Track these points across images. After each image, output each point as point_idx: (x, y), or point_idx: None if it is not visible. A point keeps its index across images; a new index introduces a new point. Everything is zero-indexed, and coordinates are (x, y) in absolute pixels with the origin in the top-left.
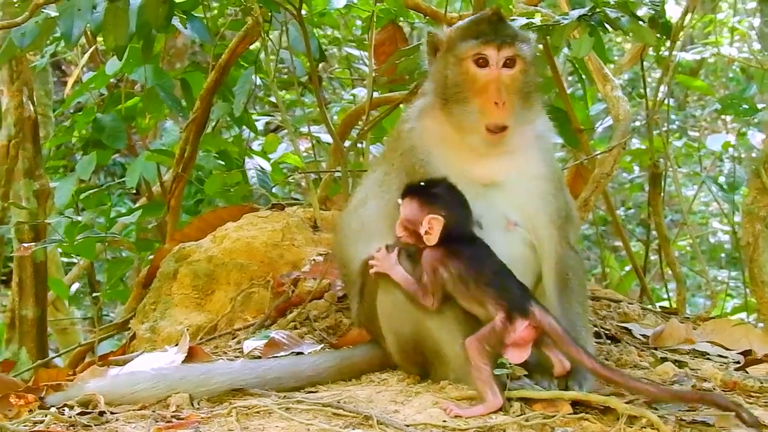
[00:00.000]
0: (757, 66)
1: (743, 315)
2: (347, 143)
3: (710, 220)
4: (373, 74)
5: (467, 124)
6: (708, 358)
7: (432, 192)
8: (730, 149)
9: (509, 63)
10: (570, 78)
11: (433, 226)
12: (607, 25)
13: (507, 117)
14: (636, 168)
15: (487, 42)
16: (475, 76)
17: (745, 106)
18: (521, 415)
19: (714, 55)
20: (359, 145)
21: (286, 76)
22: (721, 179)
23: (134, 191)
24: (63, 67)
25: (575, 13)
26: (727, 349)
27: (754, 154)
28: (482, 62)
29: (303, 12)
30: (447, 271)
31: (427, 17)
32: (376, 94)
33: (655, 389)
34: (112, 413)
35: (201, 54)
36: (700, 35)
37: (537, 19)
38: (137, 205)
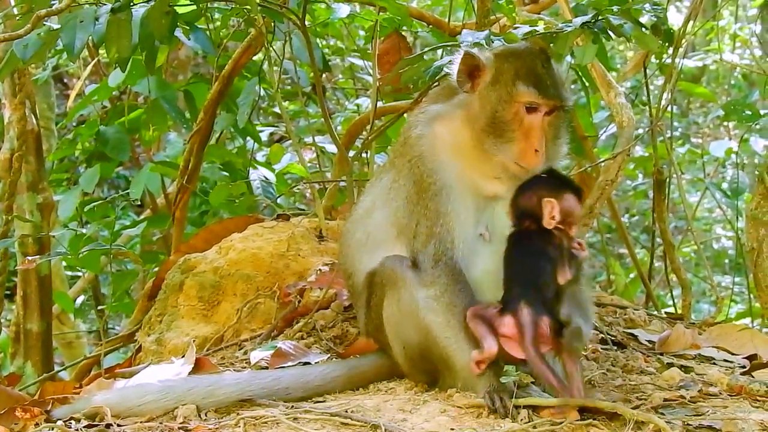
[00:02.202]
0: (759, 72)
1: (747, 320)
2: (352, 153)
3: (714, 226)
4: (377, 84)
5: (500, 154)
6: (714, 363)
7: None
8: (733, 155)
9: (553, 111)
10: (573, 86)
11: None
12: (610, 33)
13: (540, 163)
14: (640, 175)
15: (546, 95)
16: (523, 119)
17: (748, 112)
18: (529, 422)
19: (716, 61)
20: (364, 154)
21: (290, 87)
22: (725, 185)
23: (138, 203)
24: (65, 80)
25: (578, 21)
26: (733, 354)
27: (756, 160)
28: (532, 110)
29: (306, 22)
30: None
31: (431, 26)
32: (380, 104)
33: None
34: (119, 426)
35: (204, 65)
36: (702, 42)
37: (540, 27)
38: (142, 217)
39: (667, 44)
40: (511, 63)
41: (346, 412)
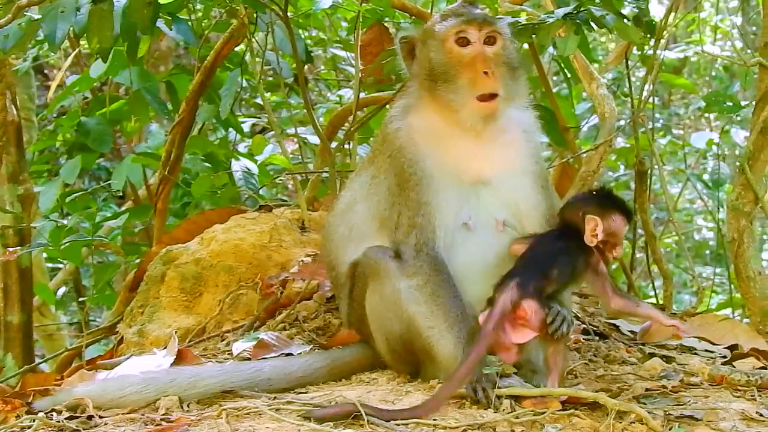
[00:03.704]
0: (740, 63)
1: (728, 311)
2: (334, 144)
3: (695, 217)
4: (360, 75)
5: (458, 99)
6: (695, 353)
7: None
8: (714, 147)
9: (490, 40)
10: (555, 78)
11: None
12: (592, 24)
13: (496, 84)
14: (621, 166)
15: (467, 21)
16: (460, 54)
17: (729, 104)
18: (511, 412)
19: (697, 53)
20: (346, 145)
21: (272, 78)
22: (706, 176)
23: (120, 195)
24: (46, 71)
25: (560, 12)
26: (714, 344)
27: (737, 151)
28: (464, 41)
29: (289, 13)
30: None
31: (413, 17)
32: (362, 95)
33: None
34: (100, 417)
35: (186, 56)
36: (683, 34)
37: (523, 18)
38: (123, 208)
39: (648, 36)
40: (434, 18)
41: (329, 403)
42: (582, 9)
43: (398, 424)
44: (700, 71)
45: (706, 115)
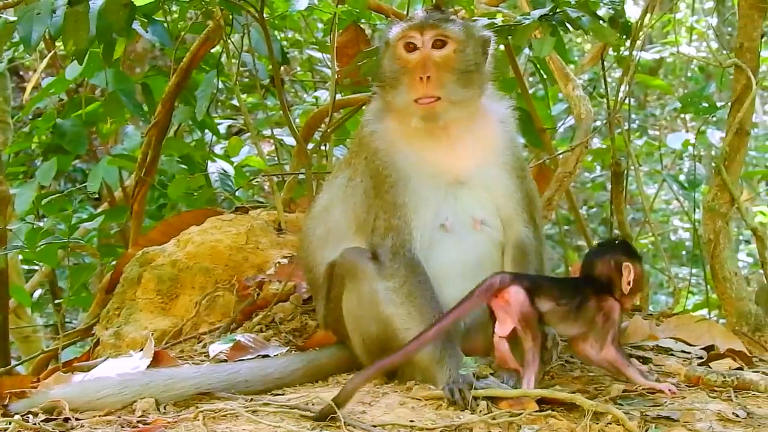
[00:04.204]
0: (716, 64)
1: (704, 311)
2: (311, 146)
3: (671, 218)
4: (336, 76)
5: (401, 104)
6: (672, 354)
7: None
8: (690, 147)
9: (438, 44)
10: (531, 79)
11: None
12: (568, 25)
13: (433, 89)
14: (597, 167)
15: (413, 26)
16: (406, 59)
17: (705, 105)
18: (488, 413)
19: (673, 54)
20: (323, 147)
21: (247, 79)
22: (682, 177)
23: (96, 197)
24: (21, 73)
25: (536, 13)
26: (690, 345)
27: (713, 152)
28: (410, 47)
29: (264, 15)
30: None
31: (390, 18)
32: (339, 96)
33: None
34: (77, 420)
35: (162, 58)
36: (659, 35)
37: (498, 20)
38: (99, 210)
39: (624, 37)
40: (397, 20)
41: (306, 404)
42: (558, 10)
43: (375, 425)
44: (675, 72)
45: (682, 115)
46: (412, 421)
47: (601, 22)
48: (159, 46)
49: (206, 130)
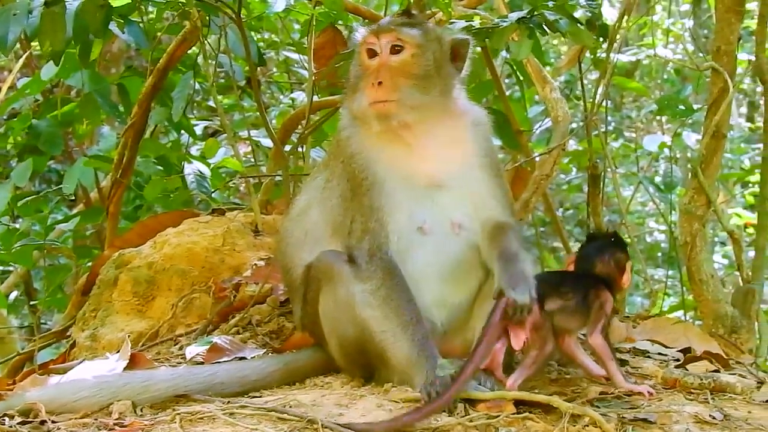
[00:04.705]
0: (692, 67)
1: (680, 313)
2: (288, 147)
3: (647, 219)
4: (313, 78)
5: (358, 108)
6: (648, 356)
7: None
8: (666, 150)
9: (396, 49)
10: (507, 80)
11: None
12: (545, 28)
13: (384, 94)
14: (574, 169)
15: (373, 31)
16: (367, 65)
17: (682, 107)
18: (465, 415)
19: (649, 56)
20: (300, 149)
21: (223, 80)
22: (657, 179)
23: (71, 198)
24: None
25: (514, 16)
26: (667, 347)
27: (689, 154)
28: (371, 53)
29: (241, 16)
30: None
31: (367, 20)
32: (316, 98)
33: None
34: (53, 422)
35: (137, 58)
36: (635, 37)
37: (476, 22)
38: (75, 211)
39: (601, 39)
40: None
41: (283, 407)
42: (535, 13)
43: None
44: (651, 74)
45: (658, 118)
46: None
47: (578, 25)
48: (134, 47)
49: (182, 131)
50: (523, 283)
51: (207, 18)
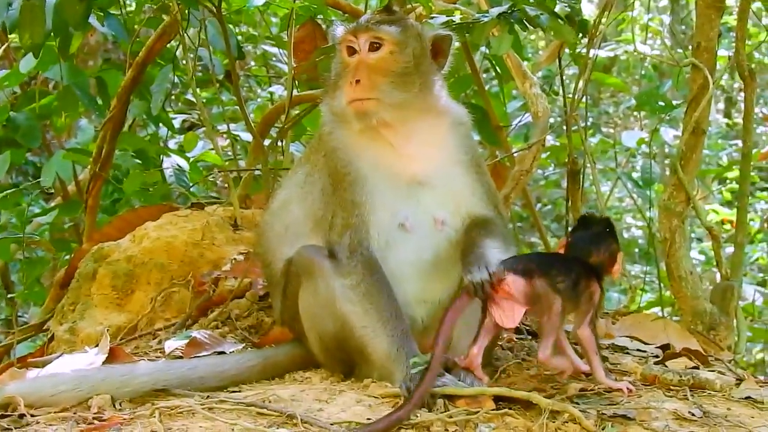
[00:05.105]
0: (673, 64)
1: (657, 309)
2: (267, 141)
3: (624, 215)
4: (293, 72)
5: (338, 107)
6: (627, 353)
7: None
8: (643, 145)
9: (373, 47)
10: (484, 75)
11: None
12: (526, 23)
13: (362, 92)
14: (551, 164)
15: (352, 30)
16: (346, 62)
17: (661, 103)
18: (445, 411)
19: (627, 52)
20: (279, 143)
21: (201, 74)
22: (635, 174)
23: (48, 191)
24: None
25: (495, 11)
26: (646, 344)
27: (666, 149)
28: (351, 50)
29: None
30: None
31: (347, 15)
32: (295, 92)
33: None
34: (32, 416)
35: (114, 51)
36: (613, 33)
37: (457, 17)
38: (52, 204)
39: (581, 35)
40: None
41: (263, 402)
42: (516, 9)
43: (332, 423)
44: (629, 70)
45: (635, 113)
46: (369, 418)
47: (559, 20)
48: (112, 39)
49: (160, 125)
50: (478, 263)
51: (187, 11)
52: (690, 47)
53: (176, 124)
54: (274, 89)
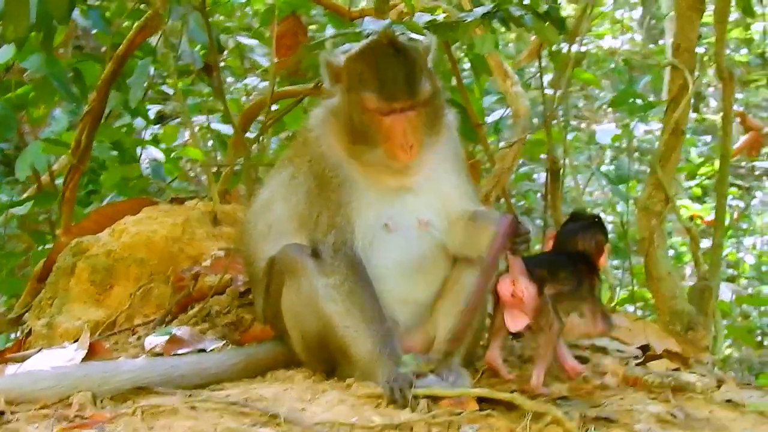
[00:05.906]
0: (652, 63)
1: (629, 306)
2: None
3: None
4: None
5: (375, 161)
6: (607, 353)
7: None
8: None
9: (413, 107)
10: (465, 72)
11: None
12: (510, 23)
13: (414, 156)
14: (522, 158)
15: (392, 99)
16: (381, 122)
17: (639, 101)
18: (428, 412)
19: (598, 46)
20: (260, 139)
21: (176, 65)
22: (604, 168)
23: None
24: None
25: (479, 11)
26: (626, 344)
27: (635, 143)
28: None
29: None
30: None
31: (328, 10)
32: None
33: None
34: (12, 413)
35: (84, 38)
36: (584, 27)
37: (441, 16)
38: (25, 195)
39: (560, 33)
40: (357, 66)
41: (245, 400)
42: (499, 8)
43: (315, 423)
44: (599, 64)
45: (605, 108)
46: (353, 419)
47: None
48: (81, 29)
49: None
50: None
51: (168, 5)
52: (660, 42)
53: (151, 114)
54: (249, 81)
